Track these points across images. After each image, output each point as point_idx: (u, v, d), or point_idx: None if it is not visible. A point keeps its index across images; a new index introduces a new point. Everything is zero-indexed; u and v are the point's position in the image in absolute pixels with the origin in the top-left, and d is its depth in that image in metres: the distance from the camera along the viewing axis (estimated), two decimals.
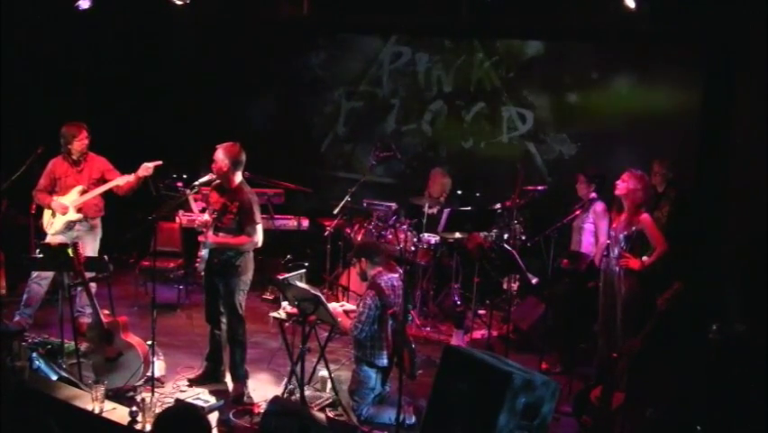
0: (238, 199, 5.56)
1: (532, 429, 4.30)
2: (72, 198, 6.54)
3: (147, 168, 6.40)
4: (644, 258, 5.83)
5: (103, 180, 6.61)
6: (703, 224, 7.19)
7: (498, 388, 4.23)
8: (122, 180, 6.52)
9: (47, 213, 6.63)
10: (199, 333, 6.31)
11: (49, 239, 6.54)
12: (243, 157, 5.62)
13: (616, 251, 5.89)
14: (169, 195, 7.94)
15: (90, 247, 6.48)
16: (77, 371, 5.61)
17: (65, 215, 6.52)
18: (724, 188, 7.38)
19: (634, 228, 5.83)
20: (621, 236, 5.87)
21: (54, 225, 6.55)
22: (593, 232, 6.80)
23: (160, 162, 6.46)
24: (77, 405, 4.85)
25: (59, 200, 6.53)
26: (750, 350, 5.58)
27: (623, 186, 5.86)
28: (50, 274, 6.51)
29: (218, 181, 5.67)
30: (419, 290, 7.71)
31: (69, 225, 6.55)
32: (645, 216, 5.84)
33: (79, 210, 6.55)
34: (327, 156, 9.79)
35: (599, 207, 6.78)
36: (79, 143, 6.55)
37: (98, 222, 6.73)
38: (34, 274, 6.59)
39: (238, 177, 5.63)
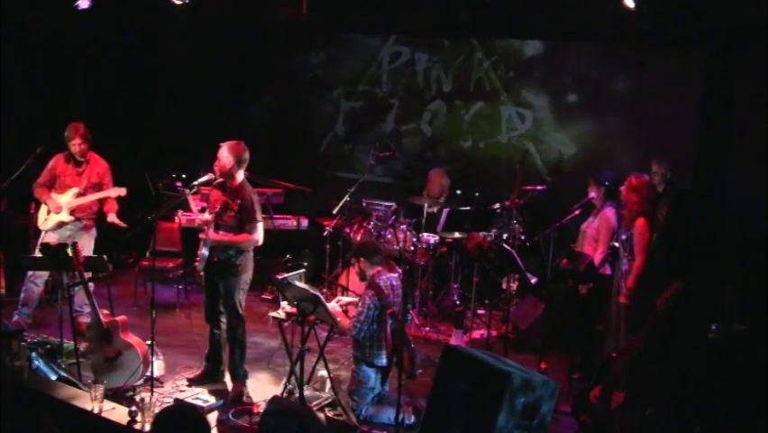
0: (239, 197, 5.56)
1: (531, 429, 4.29)
2: (66, 200, 6.55)
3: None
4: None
5: (99, 186, 6.63)
6: (703, 224, 7.18)
7: (498, 388, 4.23)
8: (114, 193, 6.57)
9: (43, 208, 6.64)
10: (198, 333, 6.32)
11: (42, 236, 6.55)
12: (247, 156, 5.62)
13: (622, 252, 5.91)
14: (168, 195, 7.94)
15: (84, 247, 6.47)
16: (77, 370, 5.61)
17: (58, 214, 6.53)
18: (723, 187, 7.37)
19: (630, 232, 5.83)
20: (623, 238, 5.89)
21: (48, 223, 6.57)
22: (595, 238, 6.56)
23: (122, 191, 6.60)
24: (76, 405, 4.83)
25: (55, 199, 6.54)
26: (750, 350, 5.58)
27: (622, 191, 5.87)
28: (45, 273, 6.51)
29: (219, 180, 5.68)
30: (418, 290, 7.70)
31: (60, 225, 6.57)
32: (640, 222, 5.73)
33: (72, 212, 6.56)
34: (326, 156, 9.79)
35: (609, 212, 6.48)
36: (74, 147, 6.56)
37: (92, 222, 6.72)
38: (29, 273, 6.60)
39: (240, 175, 5.64)
